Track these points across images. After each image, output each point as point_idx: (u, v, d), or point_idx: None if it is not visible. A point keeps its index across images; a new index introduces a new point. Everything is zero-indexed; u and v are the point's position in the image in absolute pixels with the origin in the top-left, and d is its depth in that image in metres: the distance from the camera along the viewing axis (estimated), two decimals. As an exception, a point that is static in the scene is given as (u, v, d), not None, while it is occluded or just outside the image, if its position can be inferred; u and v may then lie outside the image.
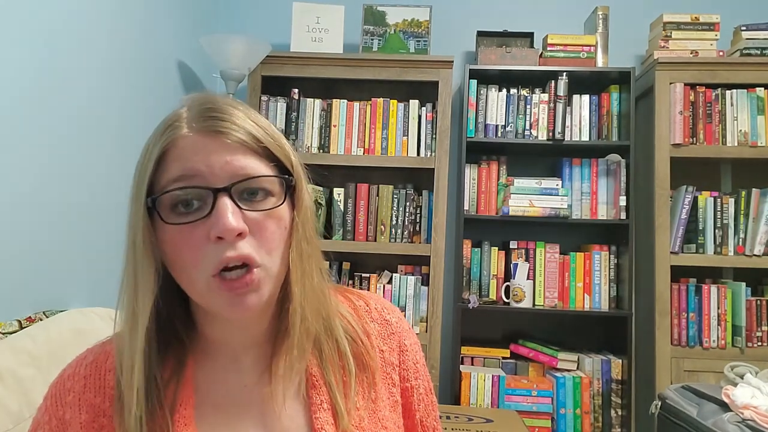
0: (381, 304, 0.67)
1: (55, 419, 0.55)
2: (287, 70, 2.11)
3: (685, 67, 2.04)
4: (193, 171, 0.50)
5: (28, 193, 1.22)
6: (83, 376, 0.56)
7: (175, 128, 0.52)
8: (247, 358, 0.58)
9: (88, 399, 0.54)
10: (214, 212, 0.49)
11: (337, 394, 0.57)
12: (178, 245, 0.51)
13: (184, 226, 0.50)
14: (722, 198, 2.04)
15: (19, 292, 1.20)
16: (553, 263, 2.11)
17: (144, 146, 0.55)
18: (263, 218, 0.52)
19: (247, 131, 0.52)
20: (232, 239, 0.49)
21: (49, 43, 1.28)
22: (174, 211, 0.51)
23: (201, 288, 0.51)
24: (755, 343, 1.96)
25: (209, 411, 0.56)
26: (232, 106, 0.54)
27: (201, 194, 0.50)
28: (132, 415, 0.50)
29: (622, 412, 2.00)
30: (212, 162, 0.51)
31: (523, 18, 2.36)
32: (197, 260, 0.50)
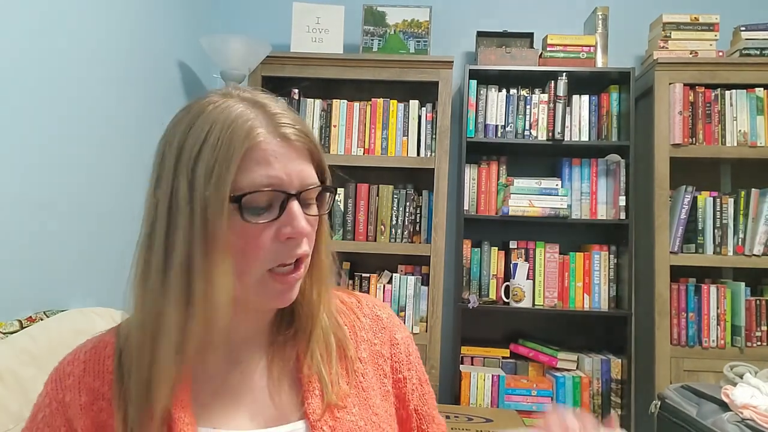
0: (372, 302, 0.71)
1: (55, 402, 0.57)
2: (287, 71, 2.11)
3: (684, 68, 2.04)
4: (277, 179, 0.54)
5: (29, 194, 1.23)
6: (83, 361, 0.58)
7: (253, 130, 0.53)
8: (246, 347, 0.61)
9: (88, 383, 0.56)
10: (285, 215, 0.54)
11: (323, 373, 0.60)
12: (247, 241, 0.54)
13: (259, 225, 0.54)
14: (722, 198, 2.04)
15: (20, 292, 1.20)
16: (553, 263, 2.11)
17: (200, 135, 0.53)
18: (314, 222, 0.59)
19: (310, 140, 0.58)
20: (300, 240, 0.56)
21: (49, 43, 1.28)
22: (252, 212, 0.54)
23: (254, 280, 0.55)
24: (755, 342, 1.96)
25: (206, 395, 0.58)
26: (284, 107, 0.59)
27: (274, 197, 0.55)
28: (132, 397, 0.53)
29: (621, 411, 2.00)
30: (290, 170, 0.55)
31: (522, 18, 2.36)
32: (259, 255, 0.54)
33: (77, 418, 0.55)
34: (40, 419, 0.57)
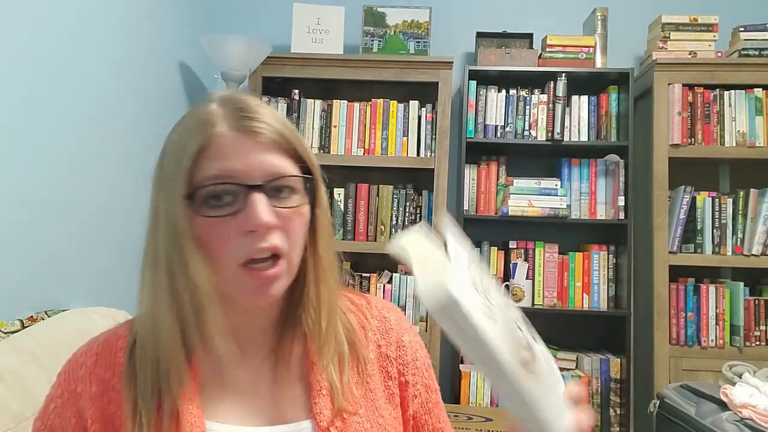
0: (382, 304, 0.70)
1: (67, 393, 0.58)
2: (288, 71, 2.11)
3: (683, 68, 2.04)
4: (232, 171, 0.53)
5: (30, 194, 1.23)
6: (95, 353, 0.59)
7: (211, 125, 0.55)
8: (253, 345, 0.61)
9: (99, 373, 0.57)
10: (248, 208, 0.53)
11: (334, 375, 0.60)
12: (210, 236, 0.54)
13: (217, 219, 0.53)
14: (720, 198, 2.05)
15: (21, 291, 1.20)
16: (552, 263, 2.11)
17: (171, 140, 0.57)
18: (290, 214, 0.56)
19: (277, 131, 0.56)
20: (263, 232, 0.53)
21: (50, 43, 1.29)
22: (206, 204, 0.54)
23: (228, 276, 0.54)
24: (753, 342, 1.97)
25: (214, 390, 0.58)
26: (261, 105, 0.58)
27: (235, 190, 0.54)
28: (141, 390, 0.54)
29: (620, 411, 2.01)
30: (249, 161, 0.54)
31: (522, 19, 2.36)
32: (226, 251, 0.53)
33: (87, 408, 0.56)
34: (52, 410, 0.58)
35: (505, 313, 0.49)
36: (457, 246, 0.48)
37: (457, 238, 0.49)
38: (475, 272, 0.48)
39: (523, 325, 0.52)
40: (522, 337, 0.50)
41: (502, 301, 0.50)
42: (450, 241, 0.48)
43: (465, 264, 0.48)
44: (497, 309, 0.47)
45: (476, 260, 0.50)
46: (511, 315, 0.50)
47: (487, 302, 0.47)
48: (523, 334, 0.50)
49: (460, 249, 0.48)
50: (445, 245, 0.48)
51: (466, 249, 0.49)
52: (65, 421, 0.57)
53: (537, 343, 0.52)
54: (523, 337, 0.50)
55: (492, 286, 0.50)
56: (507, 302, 0.51)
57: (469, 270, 0.47)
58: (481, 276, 0.49)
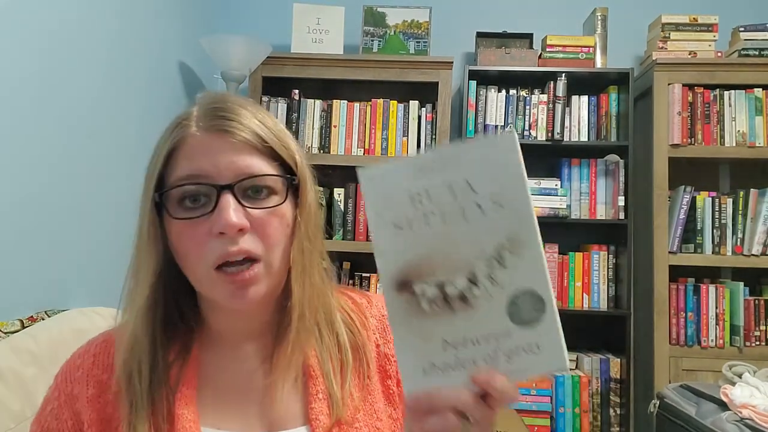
0: (382, 302, 0.69)
1: (63, 395, 0.57)
2: (288, 71, 2.11)
3: (683, 68, 2.04)
4: (200, 170, 0.53)
5: (30, 193, 1.23)
6: (93, 354, 0.59)
7: (184, 126, 0.55)
8: (248, 348, 0.60)
9: (96, 375, 0.57)
10: (216, 209, 0.52)
11: (333, 384, 0.58)
12: (182, 238, 0.53)
13: (188, 221, 0.53)
14: (720, 198, 2.05)
15: (21, 291, 1.20)
16: (552, 263, 2.11)
17: (157, 142, 0.58)
18: (266, 215, 0.54)
19: (252, 131, 0.54)
20: (233, 234, 0.52)
21: (50, 43, 1.29)
22: (181, 206, 0.53)
23: (203, 279, 0.54)
24: (753, 342, 1.97)
25: (210, 393, 0.58)
26: (240, 105, 0.56)
27: (207, 191, 0.53)
28: (137, 391, 0.54)
29: (620, 411, 2.01)
30: (218, 161, 0.53)
31: (522, 19, 2.36)
32: (200, 254, 0.53)
33: (84, 410, 0.56)
34: (49, 412, 0.57)
35: (446, 244, 0.42)
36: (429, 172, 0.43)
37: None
38: (436, 191, 0.42)
39: (483, 276, 0.42)
40: (449, 280, 0.42)
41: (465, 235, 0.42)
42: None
43: (413, 177, 0.42)
44: (426, 231, 0.42)
45: (460, 187, 0.42)
46: (466, 254, 0.42)
47: (415, 216, 0.42)
48: (460, 284, 0.42)
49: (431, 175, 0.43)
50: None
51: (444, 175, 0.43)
52: (61, 424, 0.56)
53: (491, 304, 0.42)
54: (451, 281, 0.42)
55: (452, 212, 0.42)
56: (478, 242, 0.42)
57: (419, 181, 0.42)
58: (439, 197, 0.42)
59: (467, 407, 0.40)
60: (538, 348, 0.41)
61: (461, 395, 0.40)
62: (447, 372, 0.42)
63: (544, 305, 0.41)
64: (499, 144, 0.42)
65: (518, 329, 0.41)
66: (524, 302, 0.41)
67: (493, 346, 0.41)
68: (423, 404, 0.41)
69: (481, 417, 0.41)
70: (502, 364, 0.41)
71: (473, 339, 0.41)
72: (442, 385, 0.41)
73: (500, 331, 0.41)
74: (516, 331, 0.41)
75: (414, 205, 0.42)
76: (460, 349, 0.42)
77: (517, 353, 0.41)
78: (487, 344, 0.41)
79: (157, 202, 0.54)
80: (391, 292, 0.43)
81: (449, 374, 0.42)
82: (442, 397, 0.41)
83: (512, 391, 0.41)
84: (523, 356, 0.41)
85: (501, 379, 0.40)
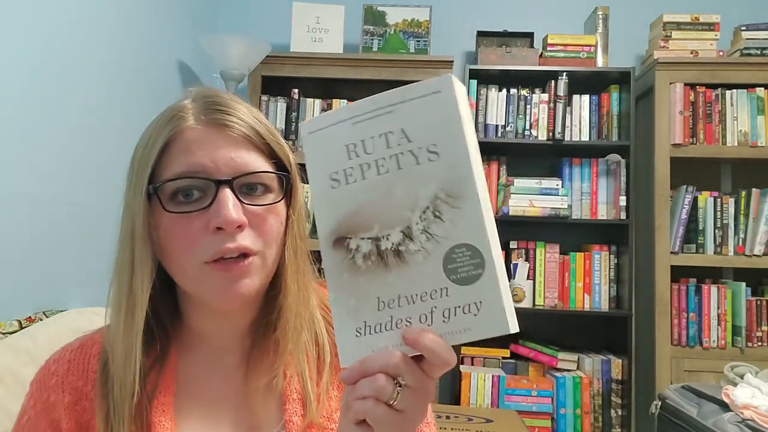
0: None
1: (39, 403, 0.55)
2: (287, 70, 2.11)
3: (685, 67, 2.04)
4: (198, 165, 0.51)
5: (29, 193, 1.22)
6: (67, 360, 0.56)
7: (180, 119, 0.53)
8: (228, 352, 0.59)
9: (71, 382, 0.55)
10: (215, 204, 0.50)
11: (308, 383, 0.57)
12: (173, 232, 0.51)
13: (182, 216, 0.51)
14: (722, 198, 2.04)
15: (19, 292, 1.20)
16: (553, 263, 2.11)
17: (144, 134, 0.55)
18: (262, 212, 0.53)
19: (250, 126, 0.54)
20: (232, 230, 0.50)
21: (49, 43, 1.28)
22: (173, 200, 0.52)
23: (192, 274, 0.52)
24: (755, 343, 1.96)
25: (188, 401, 0.56)
26: (235, 101, 0.55)
27: (203, 186, 0.51)
28: (115, 399, 0.51)
29: (622, 412, 2.00)
30: (217, 156, 0.52)
31: (523, 18, 2.36)
32: (191, 248, 0.51)
33: (62, 418, 0.54)
34: (25, 422, 0.55)
35: (383, 194, 0.40)
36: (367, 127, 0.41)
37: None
38: (371, 142, 0.41)
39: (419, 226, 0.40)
40: (384, 234, 0.40)
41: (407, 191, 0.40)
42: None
43: (352, 130, 0.41)
44: (362, 184, 0.40)
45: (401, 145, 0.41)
46: (399, 202, 0.40)
47: (350, 168, 0.41)
48: (394, 238, 0.40)
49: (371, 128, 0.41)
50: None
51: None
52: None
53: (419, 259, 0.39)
54: (386, 235, 0.40)
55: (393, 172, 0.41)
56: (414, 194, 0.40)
57: (355, 132, 0.41)
58: (374, 147, 0.41)
59: (398, 369, 0.38)
60: (477, 308, 0.38)
61: (391, 357, 0.38)
62: (381, 333, 0.40)
63: (483, 262, 0.38)
64: (435, 89, 0.40)
65: (455, 287, 0.38)
66: (461, 257, 0.38)
67: (429, 304, 0.39)
68: (355, 371, 0.39)
69: (415, 382, 0.39)
70: (438, 324, 0.39)
71: (408, 297, 0.39)
72: (377, 350, 0.39)
73: (436, 289, 0.39)
74: (453, 288, 0.38)
75: (350, 157, 0.41)
76: (394, 308, 0.39)
77: (454, 313, 0.38)
78: (422, 303, 0.39)
79: (150, 194, 0.52)
80: (327, 249, 0.41)
81: (383, 335, 0.40)
82: (372, 359, 0.39)
83: (444, 351, 0.38)
84: (461, 317, 0.38)
85: (431, 337, 0.38)
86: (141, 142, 0.55)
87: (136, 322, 0.52)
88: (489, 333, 0.38)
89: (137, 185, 0.52)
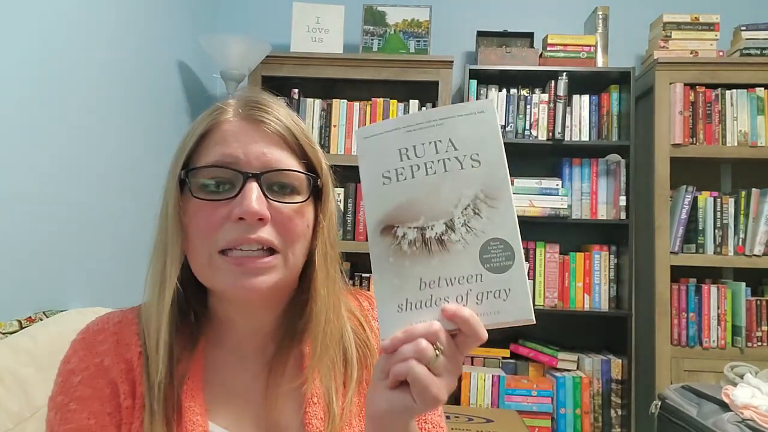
0: None
1: (92, 366, 0.56)
2: (287, 70, 2.11)
3: (685, 67, 2.04)
4: (231, 157, 0.53)
5: (29, 194, 1.22)
6: (113, 332, 0.57)
7: (221, 112, 0.56)
8: (252, 348, 0.60)
9: (122, 353, 0.56)
10: (240, 195, 0.52)
11: (333, 397, 0.57)
12: (197, 218, 0.53)
13: (208, 203, 0.53)
14: (722, 198, 2.04)
15: (20, 292, 1.20)
16: (553, 263, 2.11)
17: (191, 125, 0.59)
18: (288, 211, 0.54)
19: (286, 126, 0.56)
20: (252, 222, 0.52)
21: (49, 43, 1.28)
22: (204, 189, 0.54)
23: (204, 262, 0.53)
24: (755, 343, 1.96)
25: (215, 389, 0.57)
26: (276, 103, 0.58)
27: (232, 177, 0.53)
28: (154, 380, 0.53)
29: (621, 412, 2.00)
30: (249, 150, 0.54)
31: (523, 18, 2.36)
32: (211, 234, 0.52)
33: (120, 382, 0.55)
34: (78, 382, 0.55)
35: (432, 196, 0.47)
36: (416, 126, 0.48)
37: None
38: (422, 147, 0.47)
39: (460, 221, 0.46)
40: (429, 225, 0.46)
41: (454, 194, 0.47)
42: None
43: (406, 133, 0.48)
44: (411, 182, 0.47)
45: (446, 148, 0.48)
46: (447, 204, 0.46)
47: (402, 168, 0.47)
48: (438, 229, 0.46)
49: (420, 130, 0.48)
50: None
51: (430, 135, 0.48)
52: (98, 391, 0.55)
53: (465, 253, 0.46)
54: (431, 225, 0.46)
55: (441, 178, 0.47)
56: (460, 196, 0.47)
57: (408, 138, 0.47)
58: (425, 152, 0.47)
59: (438, 337, 0.43)
60: (507, 294, 0.45)
61: (432, 326, 0.44)
62: (421, 309, 0.45)
63: (513, 255, 0.45)
64: (480, 109, 0.48)
65: (489, 274, 0.45)
66: (495, 250, 0.46)
67: (465, 287, 0.45)
68: (398, 339, 0.44)
69: (450, 352, 0.44)
70: (472, 304, 0.45)
71: (447, 279, 0.45)
72: (417, 324, 0.45)
73: (473, 275, 0.45)
74: (487, 275, 0.45)
75: (401, 159, 0.47)
76: (434, 288, 0.45)
77: (487, 297, 0.45)
78: (459, 285, 0.45)
79: (182, 179, 0.54)
80: (376, 235, 0.47)
81: (422, 311, 0.45)
82: (414, 328, 0.44)
83: (478, 325, 0.43)
84: (492, 300, 0.45)
85: (468, 312, 0.43)
86: (186, 132, 0.58)
87: (166, 301, 0.53)
88: (514, 317, 0.45)
89: (173, 170, 0.56)
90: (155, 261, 0.56)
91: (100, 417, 0.54)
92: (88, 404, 0.54)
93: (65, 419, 0.54)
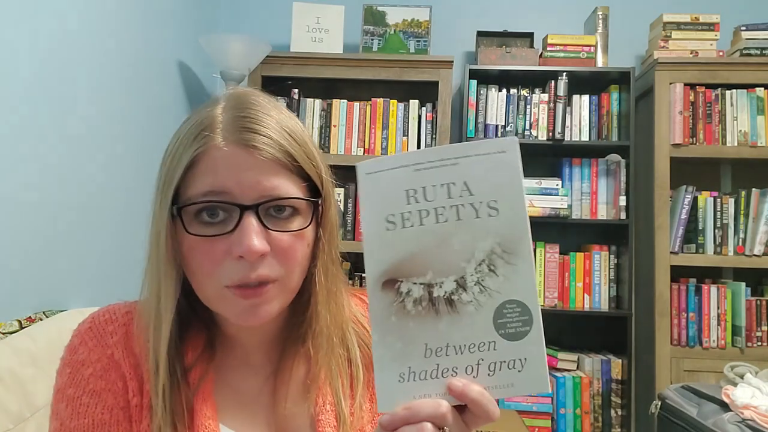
0: None
1: (104, 357, 0.54)
2: (287, 70, 2.11)
3: (685, 67, 2.04)
4: (223, 187, 0.49)
5: (29, 194, 1.22)
6: (123, 324, 0.56)
7: (207, 137, 0.51)
8: (257, 356, 0.60)
9: (131, 347, 0.55)
10: (238, 230, 0.49)
11: (341, 399, 0.57)
12: (196, 253, 0.51)
13: (204, 238, 0.50)
14: (722, 198, 2.04)
15: (20, 292, 1.20)
16: (553, 263, 2.11)
17: (172, 143, 0.54)
18: (288, 238, 0.52)
19: (281, 147, 0.51)
20: (253, 260, 0.49)
21: (49, 42, 1.28)
22: (198, 219, 0.51)
23: (211, 295, 0.52)
24: (755, 343, 1.96)
25: (226, 392, 0.57)
26: (267, 113, 0.53)
27: (227, 209, 0.50)
28: (160, 386, 0.52)
29: (621, 412, 2.00)
30: (243, 180, 0.49)
31: (523, 18, 2.36)
32: (213, 271, 0.50)
33: (129, 378, 0.54)
34: (89, 374, 0.53)
35: (439, 246, 0.41)
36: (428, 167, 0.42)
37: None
38: (433, 190, 0.41)
39: (472, 280, 0.41)
40: (437, 282, 0.41)
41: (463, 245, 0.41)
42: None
43: (413, 170, 0.42)
44: (419, 229, 0.41)
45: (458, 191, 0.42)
46: (454, 257, 0.41)
47: (408, 213, 0.41)
48: (448, 287, 0.41)
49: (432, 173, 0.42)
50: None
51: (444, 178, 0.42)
52: (112, 384, 0.53)
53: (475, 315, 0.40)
54: (440, 283, 0.41)
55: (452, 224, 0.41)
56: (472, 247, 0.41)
57: (416, 178, 0.42)
58: (435, 195, 0.41)
59: (446, 420, 0.39)
60: (522, 365, 0.40)
61: (440, 407, 0.39)
62: (425, 381, 0.40)
63: (531, 320, 0.40)
64: (501, 149, 0.42)
65: (503, 341, 0.40)
66: (512, 313, 0.40)
67: (477, 356, 0.40)
68: (399, 417, 0.39)
69: (457, 431, 0.39)
70: (483, 376, 0.40)
71: (456, 347, 0.40)
72: (420, 398, 0.40)
73: (485, 342, 0.40)
74: (501, 343, 0.40)
75: (409, 202, 0.42)
76: (441, 357, 0.40)
77: (500, 368, 0.40)
78: (470, 354, 0.40)
79: (174, 215, 0.51)
80: (376, 290, 0.42)
81: (427, 383, 0.40)
82: (419, 406, 0.39)
83: (489, 403, 0.39)
84: (506, 372, 0.40)
85: (478, 389, 0.39)
86: (169, 149, 0.53)
87: (163, 336, 0.52)
88: (529, 390, 0.40)
89: (163, 200, 0.52)
90: (149, 288, 0.54)
91: (115, 411, 0.52)
92: (102, 398, 0.52)
93: (78, 413, 0.52)
